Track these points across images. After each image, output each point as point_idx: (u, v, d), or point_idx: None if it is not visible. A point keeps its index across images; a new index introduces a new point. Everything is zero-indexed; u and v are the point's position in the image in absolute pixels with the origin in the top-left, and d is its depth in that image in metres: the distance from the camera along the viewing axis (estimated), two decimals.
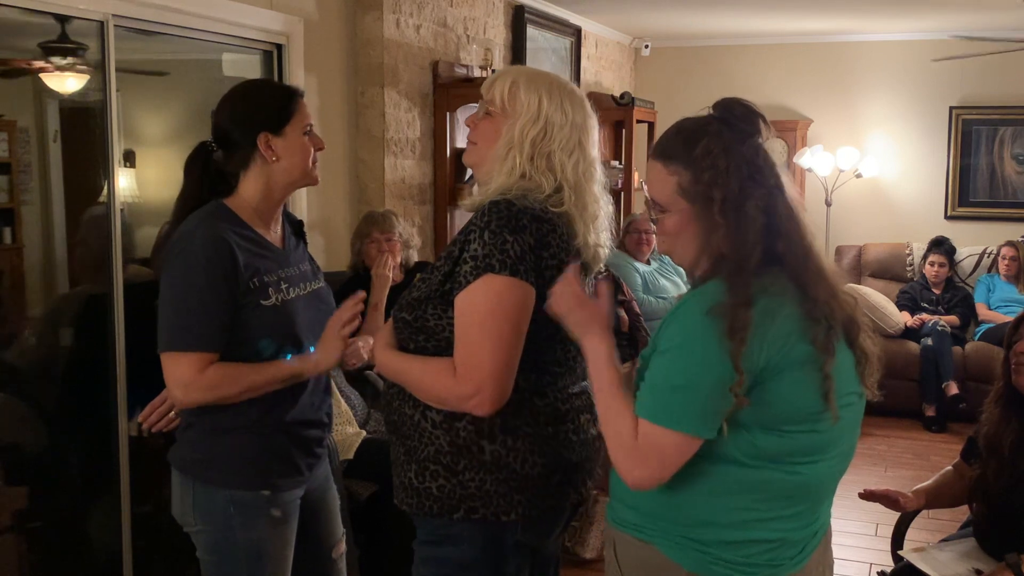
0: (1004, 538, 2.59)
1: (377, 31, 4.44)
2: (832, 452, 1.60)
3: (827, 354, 1.52)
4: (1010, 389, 2.68)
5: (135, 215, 3.49)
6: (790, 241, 1.56)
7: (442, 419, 1.80)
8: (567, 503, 1.91)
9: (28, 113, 3.41)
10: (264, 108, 2.05)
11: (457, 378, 1.73)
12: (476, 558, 1.82)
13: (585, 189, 1.84)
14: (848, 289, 1.65)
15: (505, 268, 1.70)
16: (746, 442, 1.53)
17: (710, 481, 1.55)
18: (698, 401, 1.49)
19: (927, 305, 6.58)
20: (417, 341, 1.82)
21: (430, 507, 1.82)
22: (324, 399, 2.20)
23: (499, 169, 1.83)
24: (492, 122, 1.87)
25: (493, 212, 1.73)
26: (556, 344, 1.83)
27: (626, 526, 1.67)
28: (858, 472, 5.06)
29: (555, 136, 1.82)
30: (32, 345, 3.35)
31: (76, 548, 3.42)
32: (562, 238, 1.79)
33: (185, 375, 1.95)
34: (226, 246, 1.96)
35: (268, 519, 2.06)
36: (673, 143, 1.61)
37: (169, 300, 1.98)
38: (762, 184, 1.56)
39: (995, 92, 7.15)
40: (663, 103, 7.16)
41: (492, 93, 1.88)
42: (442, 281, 1.78)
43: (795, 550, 1.63)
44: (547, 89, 1.85)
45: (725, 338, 1.46)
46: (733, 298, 1.48)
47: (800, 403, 1.53)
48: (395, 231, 4.02)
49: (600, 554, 3.84)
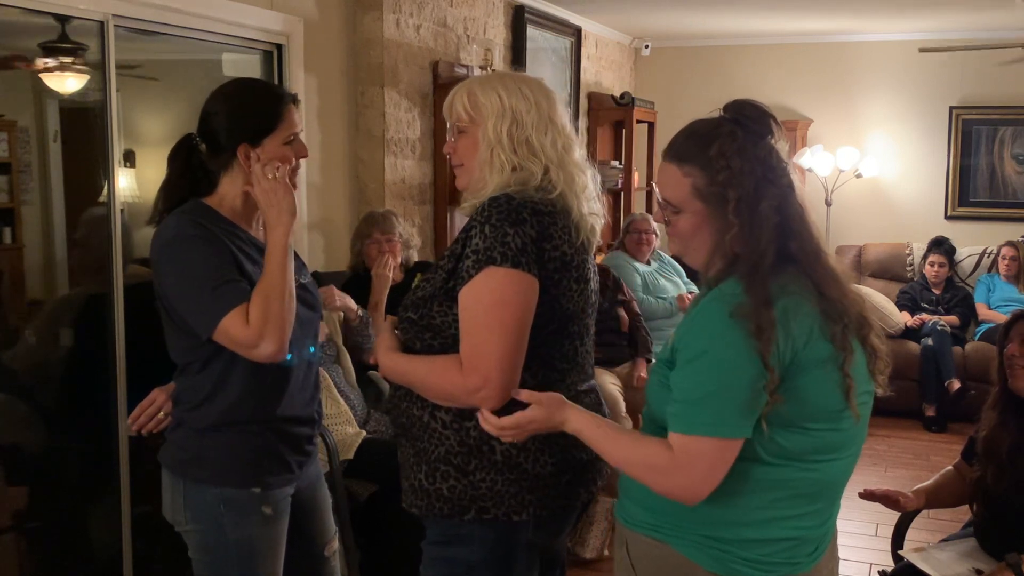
0: (1005, 538, 2.60)
1: (377, 31, 4.44)
2: (850, 450, 1.63)
3: (846, 352, 1.54)
4: (1006, 393, 2.68)
5: (135, 215, 3.49)
6: (803, 241, 1.58)
7: (452, 419, 1.81)
8: (578, 502, 1.91)
9: (28, 113, 3.40)
10: (249, 117, 2.05)
11: (464, 371, 1.73)
12: (485, 558, 1.83)
13: (568, 161, 1.87)
14: (856, 288, 1.66)
15: (507, 260, 1.71)
16: (770, 440, 1.53)
17: (732, 480, 1.55)
18: (734, 403, 1.50)
19: (927, 305, 6.58)
20: (424, 339, 1.83)
21: (440, 508, 1.82)
22: (314, 396, 2.20)
23: (489, 171, 1.85)
24: (467, 137, 1.90)
25: (493, 207, 1.75)
26: (563, 339, 1.84)
27: (640, 526, 1.67)
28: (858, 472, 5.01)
29: (525, 121, 1.84)
30: (32, 345, 3.35)
31: (76, 548, 3.42)
32: (564, 230, 1.80)
33: (242, 333, 1.91)
34: (205, 229, 1.98)
35: (259, 517, 2.06)
36: (687, 145, 1.62)
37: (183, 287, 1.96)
38: (776, 184, 1.57)
39: (995, 92, 7.15)
40: (663, 103, 7.17)
41: (456, 111, 1.91)
42: (446, 279, 1.79)
43: (812, 547, 1.64)
44: (501, 84, 1.88)
45: (752, 338, 1.47)
46: (754, 298, 1.50)
47: (823, 401, 1.54)
48: (395, 231, 4.02)
49: (600, 554, 3.84)
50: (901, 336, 6.37)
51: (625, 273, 5.10)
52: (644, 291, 5.16)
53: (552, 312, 1.78)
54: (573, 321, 1.85)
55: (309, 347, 2.18)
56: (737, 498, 1.57)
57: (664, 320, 5.07)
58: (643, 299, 5.08)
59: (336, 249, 4.39)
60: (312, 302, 2.20)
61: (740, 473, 1.55)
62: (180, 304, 1.98)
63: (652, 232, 5.33)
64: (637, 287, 5.12)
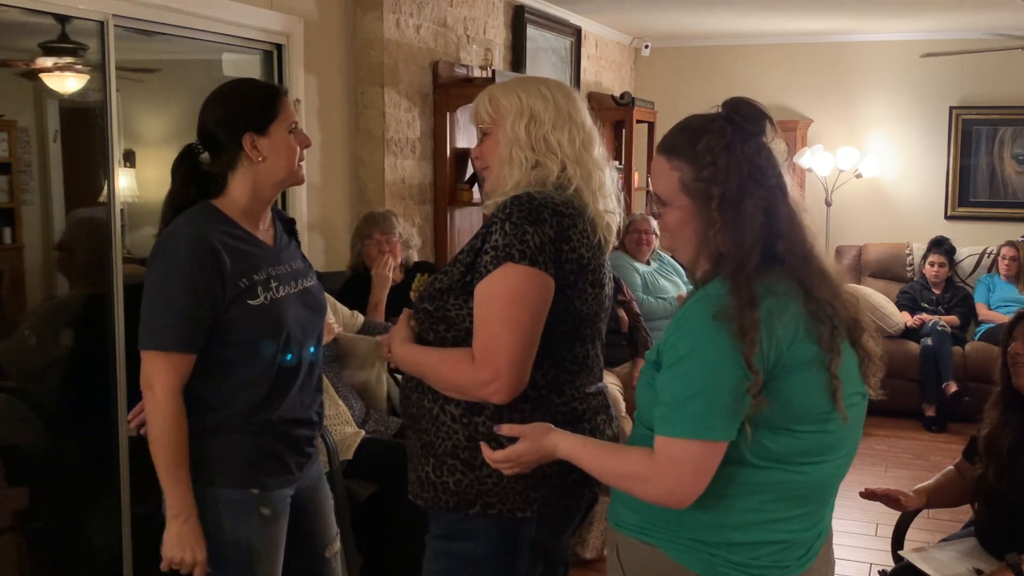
0: (1005, 537, 2.60)
1: (377, 31, 4.44)
2: (840, 452, 1.61)
3: (833, 353, 1.52)
4: (1009, 392, 2.68)
5: (135, 215, 3.49)
6: (791, 242, 1.56)
7: (461, 413, 1.81)
8: (582, 501, 1.92)
9: (28, 113, 3.40)
10: (248, 108, 2.05)
11: (475, 365, 1.74)
12: (489, 553, 1.83)
13: (586, 158, 1.89)
14: (850, 290, 1.65)
15: (525, 258, 1.72)
16: (756, 442, 1.52)
17: (719, 482, 1.54)
18: (718, 406, 1.48)
19: (927, 305, 6.58)
20: (438, 331, 1.84)
21: (446, 501, 1.83)
22: (315, 398, 2.20)
23: (509, 169, 1.87)
24: (490, 139, 1.93)
25: (514, 205, 1.77)
26: (575, 341, 1.85)
27: (629, 528, 1.66)
28: (858, 472, 5.04)
29: (543, 119, 1.87)
30: (32, 345, 3.35)
31: (76, 548, 3.42)
32: (583, 233, 1.81)
33: (156, 375, 1.95)
34: (209, 247, 1.96)
35: (258, 518, 2.06)
36: (678, 139, 1.62)
37: (149, 300, 1.98)
38: (762, 184, 1.56)
39: (995, 92, 7.15)
40: (663, 103, 7.16)
41: (479, 115, 1.94)
42: (464, 272, 1.81)
43: (802, 550, 1.63)
44: (521, 86, 1.92)
45: (736, 340, 1.46)
46: (738, 299, 1.48)
47: (809, 403, 1.53)
48: (395, 231, 4.02)
49: (600, 554, 3.84)
50: (901, 336, 6.37)
51: (625, 273, 5.10)
52: (644, 291, 5.17)
53: (566, 313, 1.80)
54: (586, 324, 1.86)
55: (310, 348, 2.18)
56: (724, 501, 1.56)
57: (664, 320, 5.06)
58: (643, 299, 5.09)
59: (336, 249, 4.39)
60: (314, 304, 2.20)
61: (726, 476, 1.54)
62: (142, 307, 2.00)
63: (652, 232, 5.33)
64: (637, 287, 5.13)
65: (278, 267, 2.11)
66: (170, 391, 1.95)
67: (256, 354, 2.03)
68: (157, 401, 1.96)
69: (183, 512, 1.97)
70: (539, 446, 1.69)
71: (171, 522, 1.98)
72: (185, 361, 1.97)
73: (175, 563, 1.98)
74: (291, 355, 2.09)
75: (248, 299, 2.01)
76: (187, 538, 1.97)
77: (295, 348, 2.09)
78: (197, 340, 1.97)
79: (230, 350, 2.01)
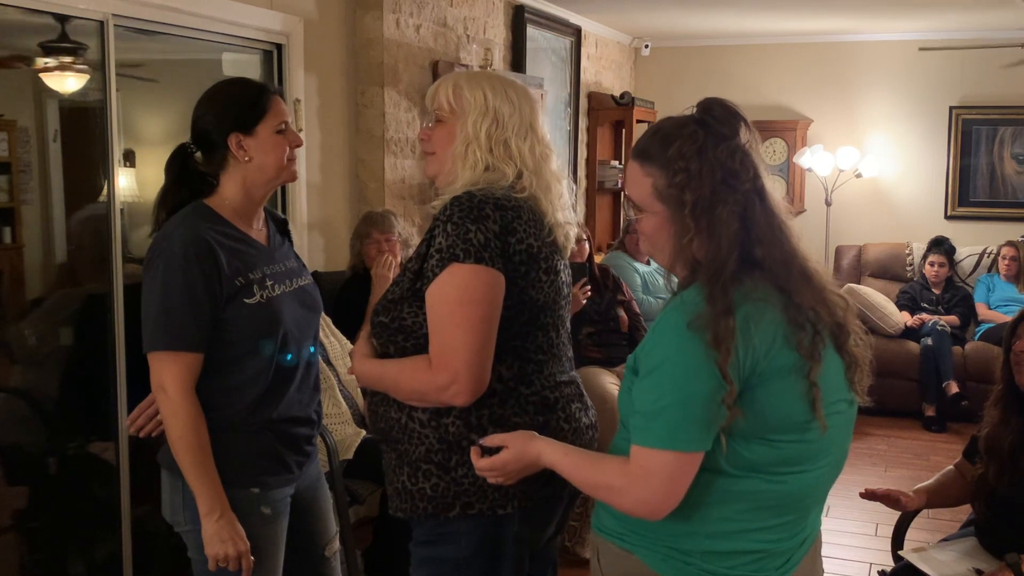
0: (1005, 537, 2.60)
1: (377, 31, 4.44)
2: (821, 461, 1.57)
3: (813, 361, 1.48)
4: (1010, 391, 2.68)
5: (135, 215, 3.49)
6: (770, 247, 1.52)
7: (428, 417, 1.81)
8: (564, 492, 1.91)
9: (28, 113, 3.40)
10: (234, 108, 2.06)
11: (433, 369, 1.74)
12: (473, 554, 1.82)
13: (544, 169, 1.89)
14: (840, 292, 1.61)
15: (470, 256, 1.72)
16: (732, 451, 1.49)
17: (695, 491, 1.51)
18: (692, 416, 1.46)
19: (927, 305, 6.58)
20: (396, 343, 1.84)
21: (425, 508, 1.83)
22: (313, 396, 2.21)
23: (462, 167, 1.86)
24: (444, 127, 1.91)
25: (455, 205, 1.76)
26: (536, 331, 1.84)
27: (609, 533, 1.65)
28: (858, 472, 5.06)
29: (507, 124, 1.87)
30: (32, 345, 3.35)
31: (76, 548, 3.42)
32: (528, 223, 1.81)
33: (168, 376, 1.96)
34: (206, 246, 1.97)
35: (258, 517, 2.06)
36: (650, 143, 1.60)
37: (152, 302, 1.98)
38: (737, 188, 1.52)
39: (995, 92, 7.15)
40: (663, 103, 7.17)
41: (438, 100, 1.92)
42: (413, 280, 1.80)
43: (781, 560, 1.59)
44: (488, 84, 1.90)
45: (711, 349, 1.43)
46: (713, 307, 1.45)
47: (786, 411, 1.49)
48: (395, 231, 4.02)
49: None
50: (901, 336, 6.37)
51: (625, 273, 5.10)
52: (644, 291, 5.16)
53: (522, 304, 1.79)
54: (544, 312, 1.85)
55: (309, 347, 2.18)
56: (699, 509, 1.53)
57: None
58: (643, 299, 5.08)
59: (336, 249, 4.39)
60: (310, 302, 2.20)
61: (703, 484, 1.51)
62: (142, 309, 2.00)
63: None
64: (637, 287, 5.13)
65: (273, 266, 2.12)
66: (184, 391, 1.96)
67: (255, 353, 2.04)
68: (172, 402, 1.96)
69: (216, 508, 1.97)
70: (523, 454, 1.68)
71: (206, 520, 1.97)
72: (195, 360, 1.97)
73: (220, 560, 1.97)
74: (291, 355, 2.10)
75: (244, 298, 2.01)
76: (226, 532, 1.97)
77: (293, 347, 2.09)
78: (204, 338, 1.98)
79: (228, 349, 2.02)
